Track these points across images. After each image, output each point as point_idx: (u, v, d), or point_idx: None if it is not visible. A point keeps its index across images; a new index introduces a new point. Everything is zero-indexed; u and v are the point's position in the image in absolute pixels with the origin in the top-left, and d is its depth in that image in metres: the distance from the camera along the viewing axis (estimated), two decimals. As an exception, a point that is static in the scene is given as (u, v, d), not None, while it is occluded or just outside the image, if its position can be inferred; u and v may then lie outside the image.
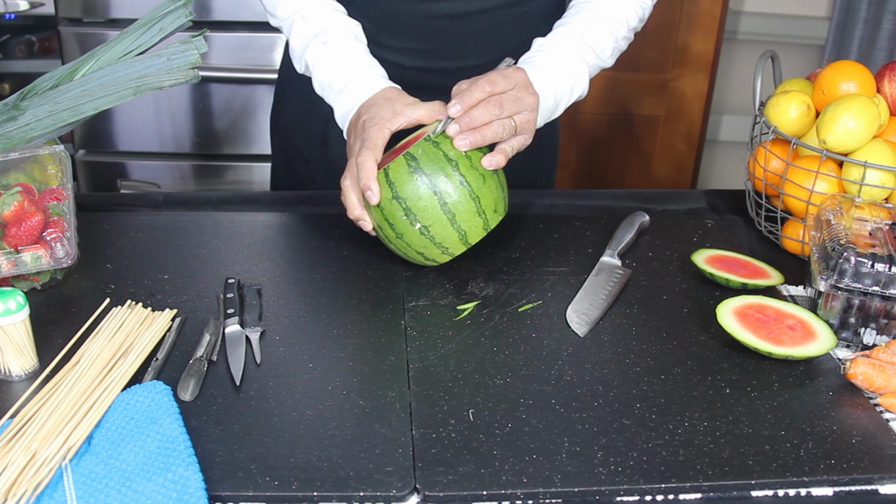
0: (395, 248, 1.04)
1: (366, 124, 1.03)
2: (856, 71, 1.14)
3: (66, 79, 1.05)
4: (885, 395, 0.89)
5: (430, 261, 1.04)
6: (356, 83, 1.09)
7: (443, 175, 0.98)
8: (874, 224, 1.01)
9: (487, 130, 1.00)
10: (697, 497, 0.77)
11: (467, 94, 1.01)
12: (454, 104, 1.00)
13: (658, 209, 1.31)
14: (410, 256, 1.03)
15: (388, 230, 1.01)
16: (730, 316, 0.95)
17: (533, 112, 1.04)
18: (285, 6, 1.17)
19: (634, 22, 1.19)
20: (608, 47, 1.15)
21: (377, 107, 1.05)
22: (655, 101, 2.59)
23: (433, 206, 0.98)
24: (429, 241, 1.00)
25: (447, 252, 1.02)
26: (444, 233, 0.99)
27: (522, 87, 1.04)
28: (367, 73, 1.10)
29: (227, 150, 2.30)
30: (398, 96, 1.06)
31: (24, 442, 0.76)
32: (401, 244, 1.02)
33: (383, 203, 0.99)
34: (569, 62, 1.11)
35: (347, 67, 1.11)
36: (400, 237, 1.01)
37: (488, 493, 0.75)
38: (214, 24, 2.14)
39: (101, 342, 0.90)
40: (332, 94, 1.12)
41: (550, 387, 0.88)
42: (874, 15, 2.62)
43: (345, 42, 1.13)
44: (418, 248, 1.01)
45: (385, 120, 1.03)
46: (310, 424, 0.81)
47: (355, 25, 1.16)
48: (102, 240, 1.13)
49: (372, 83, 1.09)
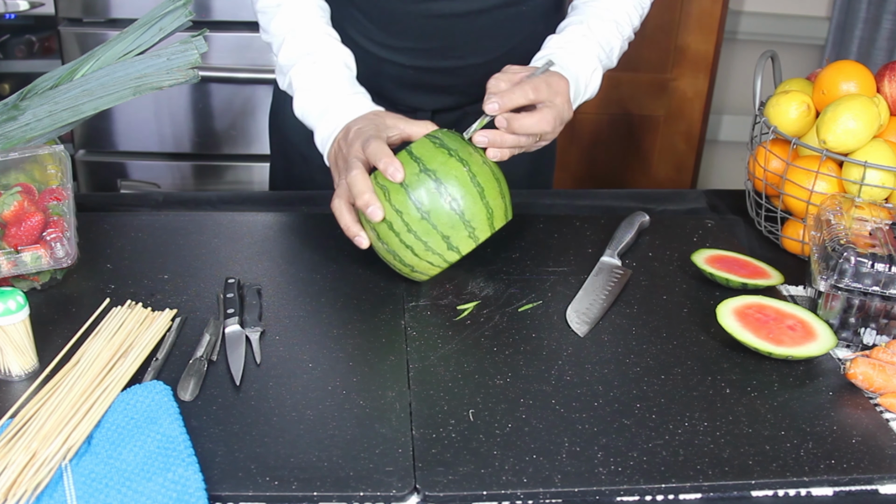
0: (397, 252, 0.99)
1: (361, 131, 1.00)
2: (856, 71, 1.14)
3: (66, 79, 1.05)
4: (885, 395, 0.89)
5: (419, 272, 1.00)
6: (342, 107, 1.06)
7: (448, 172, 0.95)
8: (874, 224, 1.01)
9: (510, 139, 0.99)
10: (697, 497, 0.77)
11: (507, 95, 0.99)
12: (493, 101, 0.98)
13: (658, 209, 1.31)
14: (415, 257, 0.99)
15: (401, 226, 0.96)
16: (730, 316, 0.95)
17: (563, 125, 1.04)
18: (279, 23, 1.15)
19: (637, 21, 1.19)
20: (616, 46, 1.16)
21: (367, 120, 1.03)
22: (655, 101, 2.59)
23: (464, 181, 0.94)
24: (458, 217, 0.94)
25: (474, 234, 0.96)
26: (475, 208, 0.95)
27: (565, 101, 1.03)
28: (353, 98, 1.08)
29: (226, 150, 2.30)
30: (386, 113, 1.05)
31: (24, 442, 0.76)
32: (410, 240, 0.97)
33: (409, 180, 0.94)
34: (587, 62, 1.11)
35: (333, 90, 1.09)
36: (379, 248, 0.98)
37: (488, 493, 0.75)
38: (214, 24, 2.13)
39: (101, 342, 0.90)
40: (314, 114, 1.09)
41: (550, 387, 0.88)
42: (874, 15, 2.62)
43: (334, 66, 1.11)
44: (432, 240, 0.96)
45: (379, 130, 1.00)
46: (310, 424, 0.81)
47: (347, 54, 1.14)
48: (102, 240, 1.13)
49: (359, 106, 1.06)
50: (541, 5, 1.25)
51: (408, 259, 0.98)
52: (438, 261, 0.98)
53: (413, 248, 0.96)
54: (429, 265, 0.98)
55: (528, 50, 1.15)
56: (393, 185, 0.94)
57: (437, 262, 0.98)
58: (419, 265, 0.98)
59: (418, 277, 1.02)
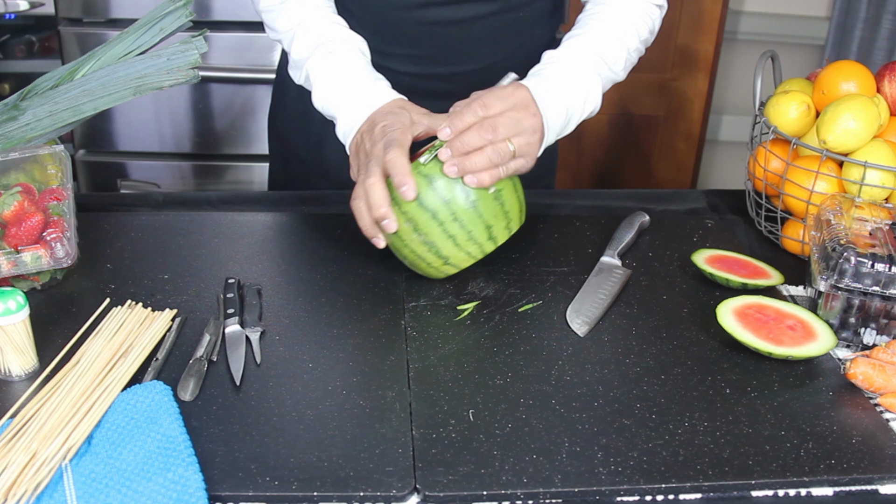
0: (436, 242, 0.98)
1: (386, 129, 0.99)
2: (856, 71, 1.14)
3: (66, 79, 1.05)
4: (885, 395, 0.89)
5: (451, 264, 1.01)
6: (365, 95, 1.05)
7: None
8: (874, 224, 1.01)
9: (478, 157, 0.95)
10: (697, 497, 0.77)
11: (458, 117, 0.97)
12: (444, 127, 0.97)
13: (658, 209, 1.31)
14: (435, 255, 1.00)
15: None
16: (730, 316, 0.95)
17: (534, 134, 0.99)
18: (285, 19, 1.14)
19: (645, 33, 1.15)
20: (620, 59, 1.11)
21: (393, 115, 1.01)
22: (655, 101, 2.59)
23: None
24: (500, 207, 0.98)
25: (509, 226, 1.00)
26: (511, 199, 1.00)
27: (522, 108, 0.98)
28: (375, 85, 1.07)
29: (226, 150, 2.30)
30: (412, 106, 1.03)
31: (24, 442, 0.76)
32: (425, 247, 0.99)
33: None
34: (581, 75, 1.06)
35: (352, 79, 1.07)
36: (405, 245, 0.99)
37: (488, 493, 0.75)
38: (214, 24, 2.13)
39: (101, 342, 0.90)
40: (335, 105, 1.07)
41: (550, 387, 0.88)
42: (874, 15, 2.62)
43: (350, 54, 1.10)
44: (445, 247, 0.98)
45: (406, 126, 0.99)
46: (310, 424, 0.81)
47: (359, 39, 1.13)
48: (102, 240, 1.13)
49: (382, 94, 1.05)
50: (536, 11, 1.24)
51: (446, 250, 0.98)
52: (476, 251, 1.00)
53: (456, 237, 0.97)
54: (466, 256, 1.00)
55: (524, 56, 1.14)
56: (440, 174, 0.96)
57: (474, 253, 1.00)
58: (455, 256, 0.99)
59: (447, 271, 1.02)
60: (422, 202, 0.96)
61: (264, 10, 1.17)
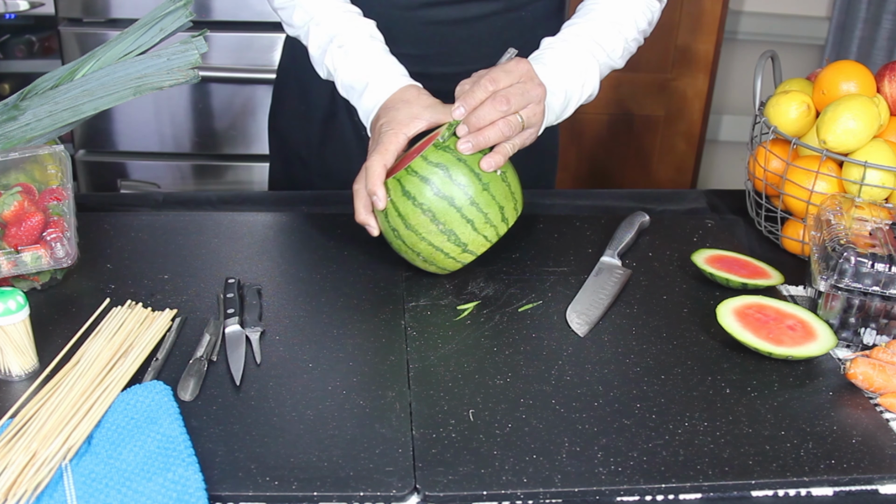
0: (455, 230, 0.99)
1: (382, 129, 1.02)
2: (856, 71, 1.14)
3: (66, 79, 1.05)
4: (885, 395, 0.89)
5: (470, 251, 1.01)
6: (376, 82, 1.08)
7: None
8: (874, 224, 1.01)
9: (491, 131, 0.97)
10: (697, 497, 0.77)
11: (470, 94, 0.99)
12: (458, 106, 0.99)
13: (658, 209, 1.31)
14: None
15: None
16: (730, 316, 0.95)
17: (540, 104, 1.01)
18: (299, 15, 1.16)
19: (643, 24, 1.17)
20: (618, 47, 1.13)
21: (395, 110, 1.03)
22: (655, 101, 2.59)
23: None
24: (507, 188, 1.00)
25: (517, 206, 1.02)
26: (515, 182, 1.01)
27: (528, 79, 1.01)
28: (386, 72, 1.09)
29: (226, 150, 2.30)
30: (417, 97, 1.05)
31: (24, 442, 0.76)
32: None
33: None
34: (579, 59, 1.09)
35: (366, 68, 1.10)
36: (422, 238, 0.99)
37: (488, 493, 0.75)
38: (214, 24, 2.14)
39: (101, 342, 0.90)
40: (354, 95, 1.11)
41: (550, 387, 0.88)
42: (874, 15, 2.62)
43: (361, 43, 1.12)
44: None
45: (401, 125, 1.01)
46: (310, 424, 0.81)
47: (370, 24, 1.14)
48: (102, 240, 1.13)
49: (392, 82, 1.07)
50: (540, 11, 1.24)
51: (465, 236, 0.99)
52: (492, 234, 1.00)
53: (474, 221, 0.98)
54: (483, 240, 1.00)
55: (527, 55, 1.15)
56: (454, 162, 0.97)
57: (490, 236, 1.00)
58: (473, 242, 1.00)
59: (464, 259, 1.01)
60: (439, 191, 0.97)
61: (279, 7, 1.18)
